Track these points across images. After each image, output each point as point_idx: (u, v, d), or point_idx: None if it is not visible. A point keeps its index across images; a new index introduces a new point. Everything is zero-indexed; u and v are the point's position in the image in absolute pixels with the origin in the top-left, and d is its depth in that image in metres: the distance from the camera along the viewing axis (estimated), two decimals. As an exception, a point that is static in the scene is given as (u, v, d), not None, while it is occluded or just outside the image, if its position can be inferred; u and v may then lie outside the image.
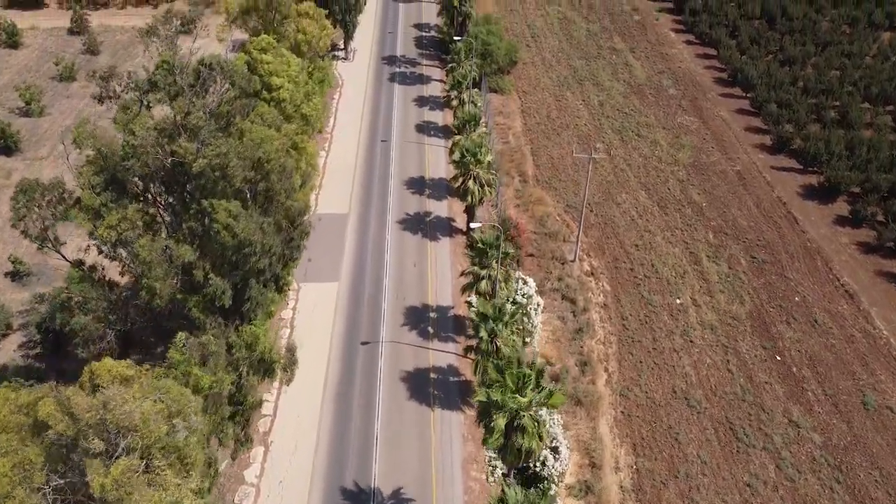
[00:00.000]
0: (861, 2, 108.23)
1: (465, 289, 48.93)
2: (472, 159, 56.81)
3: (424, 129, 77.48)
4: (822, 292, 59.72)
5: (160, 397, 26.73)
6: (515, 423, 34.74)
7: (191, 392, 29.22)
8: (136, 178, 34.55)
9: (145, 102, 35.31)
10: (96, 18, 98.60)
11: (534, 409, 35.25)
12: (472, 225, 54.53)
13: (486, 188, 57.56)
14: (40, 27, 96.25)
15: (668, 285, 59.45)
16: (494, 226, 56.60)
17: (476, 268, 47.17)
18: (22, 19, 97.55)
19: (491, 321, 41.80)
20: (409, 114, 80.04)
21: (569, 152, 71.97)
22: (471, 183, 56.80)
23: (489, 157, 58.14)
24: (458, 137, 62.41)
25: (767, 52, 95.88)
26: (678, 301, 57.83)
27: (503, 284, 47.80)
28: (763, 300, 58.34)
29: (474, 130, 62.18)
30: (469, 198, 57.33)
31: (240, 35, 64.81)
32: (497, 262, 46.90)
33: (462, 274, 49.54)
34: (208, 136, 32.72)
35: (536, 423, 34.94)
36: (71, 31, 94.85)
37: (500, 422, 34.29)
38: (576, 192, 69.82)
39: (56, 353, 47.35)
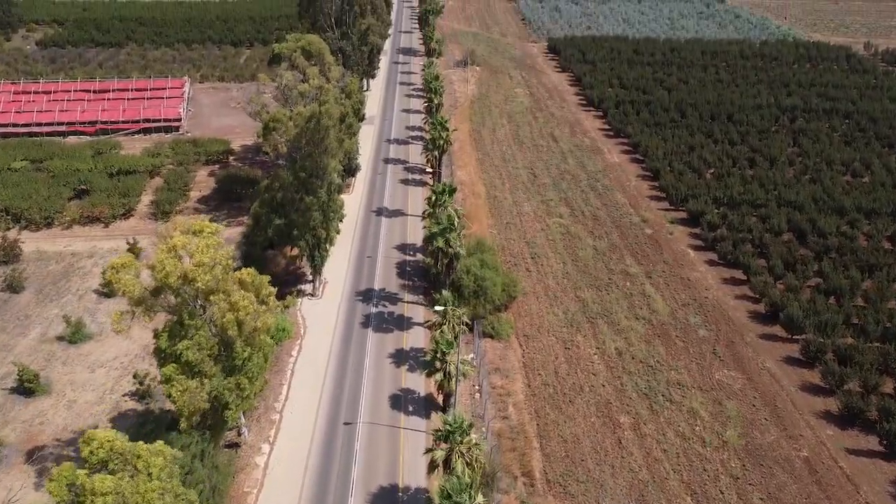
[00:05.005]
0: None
1: None
2: (458, 507, 39.97)
3: (401, 403, 61.13)
4: None
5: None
6: None
7: None
8: None
9: None
10: (33, 242, 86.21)
11: None
12: None
13: (477, 546, 40.26)
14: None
15: None
16: None
17: None
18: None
19: None
20: (384, 379, 64.11)
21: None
22: (455, 545, 39.53)
23: (479, 500, 41.29)
24: (438, 453, 45.80)
25: (805, 278, 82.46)
26: None
27: None
28: None
29: (462, 441, 45.72)
30: (453, 564, 39.85)
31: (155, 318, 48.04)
32: None
33: None
34: None
35: None
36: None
37: None
38: (599, 503, 52.41)
39: None
